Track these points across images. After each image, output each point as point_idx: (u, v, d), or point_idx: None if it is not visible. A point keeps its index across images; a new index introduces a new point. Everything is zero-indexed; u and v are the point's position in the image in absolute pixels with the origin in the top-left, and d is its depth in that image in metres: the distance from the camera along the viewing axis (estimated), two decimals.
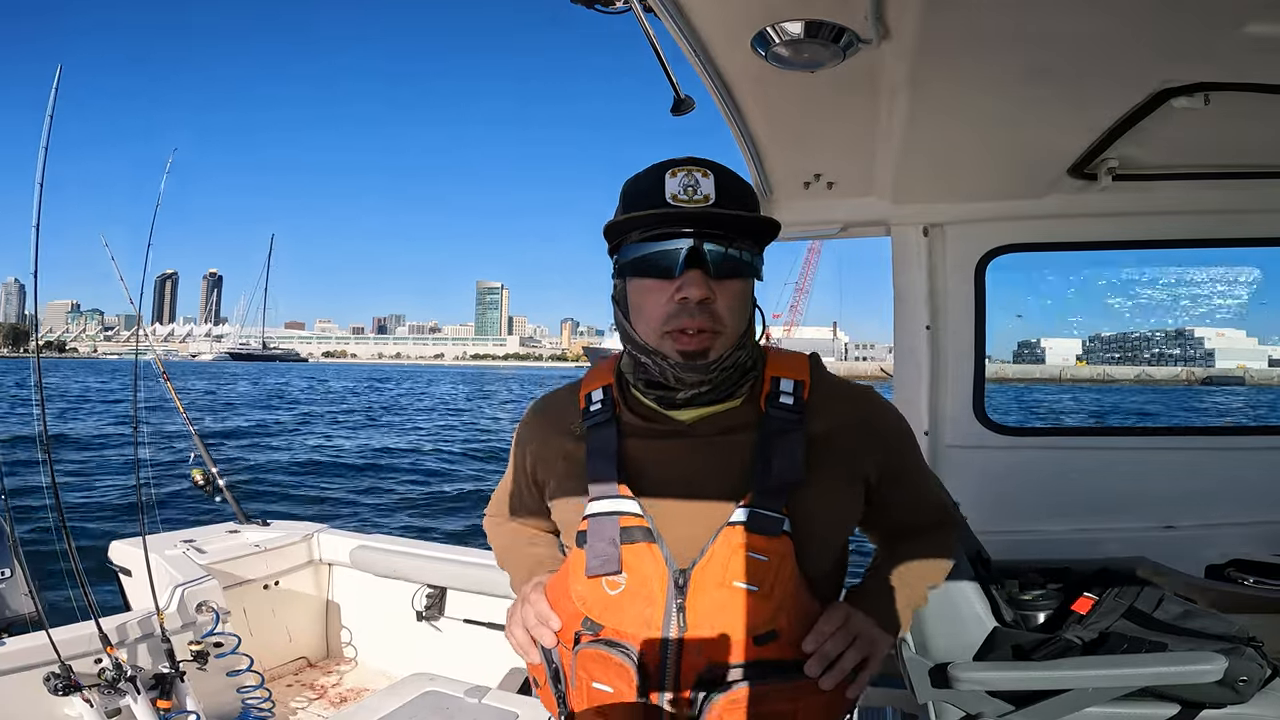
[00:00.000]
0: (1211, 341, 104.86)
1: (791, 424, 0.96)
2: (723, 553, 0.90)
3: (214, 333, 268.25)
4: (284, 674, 3.24)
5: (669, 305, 0.93)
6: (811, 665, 0.90)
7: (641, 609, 0.92)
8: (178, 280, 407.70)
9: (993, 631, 1.76)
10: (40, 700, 2.23)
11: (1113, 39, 1.24)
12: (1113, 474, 2.42)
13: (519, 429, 1.17)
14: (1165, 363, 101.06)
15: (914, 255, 2.40)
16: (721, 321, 0.93)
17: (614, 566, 0.93)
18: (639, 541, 0.93)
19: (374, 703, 2.16)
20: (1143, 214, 2.25)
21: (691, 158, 0.96)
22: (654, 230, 0.93)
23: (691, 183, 0.93)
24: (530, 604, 1.01)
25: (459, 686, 2.23)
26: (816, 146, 1.88)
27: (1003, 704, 1.62)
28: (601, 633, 0.94)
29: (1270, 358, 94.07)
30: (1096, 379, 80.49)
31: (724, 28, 1.20)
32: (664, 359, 0.95)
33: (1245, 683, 1.55)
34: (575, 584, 0.96)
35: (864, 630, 0.95)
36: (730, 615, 0.90)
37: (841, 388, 1.05)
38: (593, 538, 0.95)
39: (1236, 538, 2.30)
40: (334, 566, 3.46)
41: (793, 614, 0.91)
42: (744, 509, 0.91)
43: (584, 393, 1.07)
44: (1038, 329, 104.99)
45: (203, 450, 3.46)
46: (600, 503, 0.96)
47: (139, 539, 2.78)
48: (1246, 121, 1.60)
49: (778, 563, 0.90)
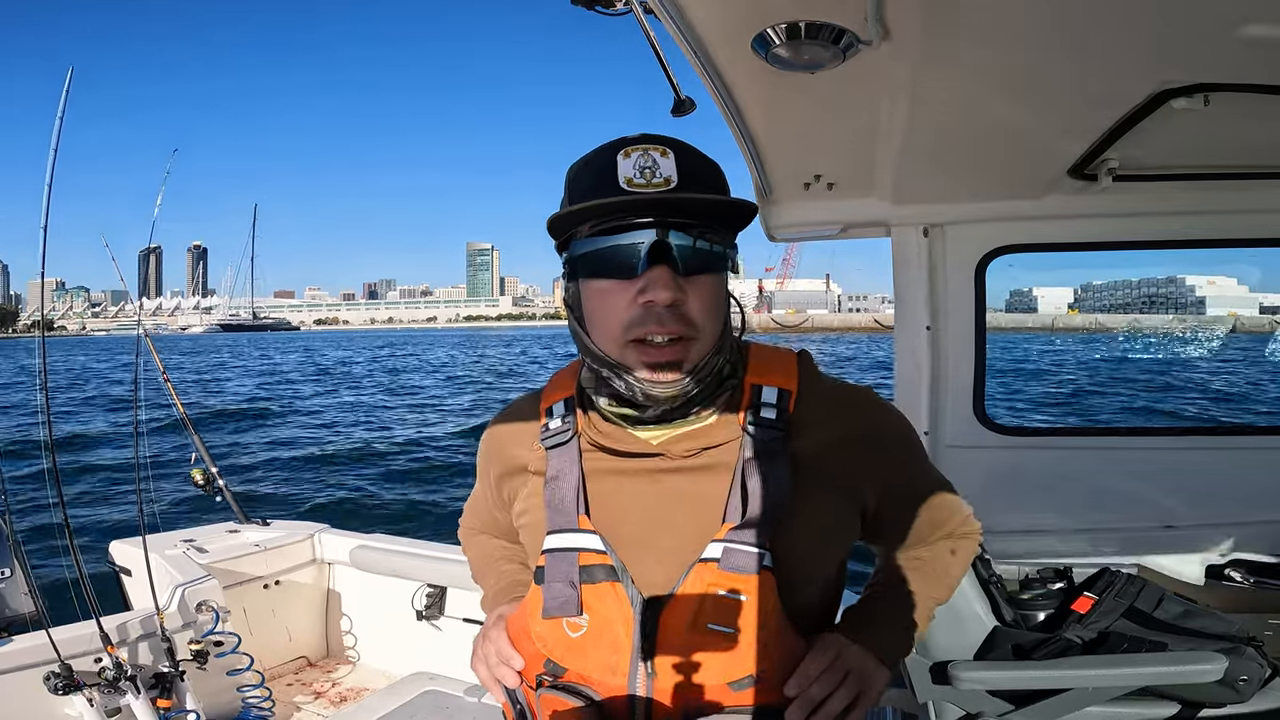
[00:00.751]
0: (1202, 289, 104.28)
1: (774, 443, 0.84)
2: (693, 592, 0.81)
3: (203, 305, 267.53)
4: (284, 673, 3.25)
5: (631, 309, 0.80)
6: (794, 711, 0.80)
7: (605, 655, 0.83)
8: (161, 254, 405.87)
9: (993, 631, 1.77)
10: (40, 699, 2.23)
11: (1113, 39, 1.24)
12: (1113, 474, 2.42)
13: (483, 441, 1.05)
14: (1156, 310, 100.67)
15: (914, 255, 2.40)
16: (695, 325, 0.80)
17: (572, 609, 0.84)
18: (601, 581, 0.83)
19: (374, 702, 2.16)
20: (1143, 214, 2.25)
21: (646, 135, 0.82)
22: (608, 222, 0.79)
23: (649, 164, 0.79)
24: (490, 641, 0.94)
25: (459, 686, 2.24)
26: (816, 147, 1.88)
27: (1003, 703, 1.62)
28: (565, 676, 0.86)
29: (1261, 305, 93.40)
30: (1089, 327, 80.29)
31: (724, 29, 1.20)
32: (628, 373, 0.82)
33: (1245, 682, 1.55)
34: (534, 624, 0.88)
35: (856, 666, 0.85)
36: (703, 661, 0.81)
37: (835, 394, 0.92)
38: (550, 576, 0.85)
39: (1236, 538, 2.30)
40: (334, 566, 3.47)
41: (774, 656, 0.82)
42: (718, 544, 0.81)
43: (544, 405, 0.95)
44: (1030, 277, 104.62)
45: (202, 450, 3.46)
46: (558, 536, 0.86)
47: (139, 538, 2.79)
48: (1246, 122, 1.60)
49: (756, 602, 0.80)
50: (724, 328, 0.86)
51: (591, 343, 0.84)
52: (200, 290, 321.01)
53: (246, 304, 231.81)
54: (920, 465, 1.00)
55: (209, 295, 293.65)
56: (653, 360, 0.80)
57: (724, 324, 0.86)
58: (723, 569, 0.81)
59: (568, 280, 0.87)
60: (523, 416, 0.99)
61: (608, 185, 0.79)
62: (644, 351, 0.80)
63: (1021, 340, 52.58)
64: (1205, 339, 37.45)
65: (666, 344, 0.80)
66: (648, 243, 0.78)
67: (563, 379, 0.97)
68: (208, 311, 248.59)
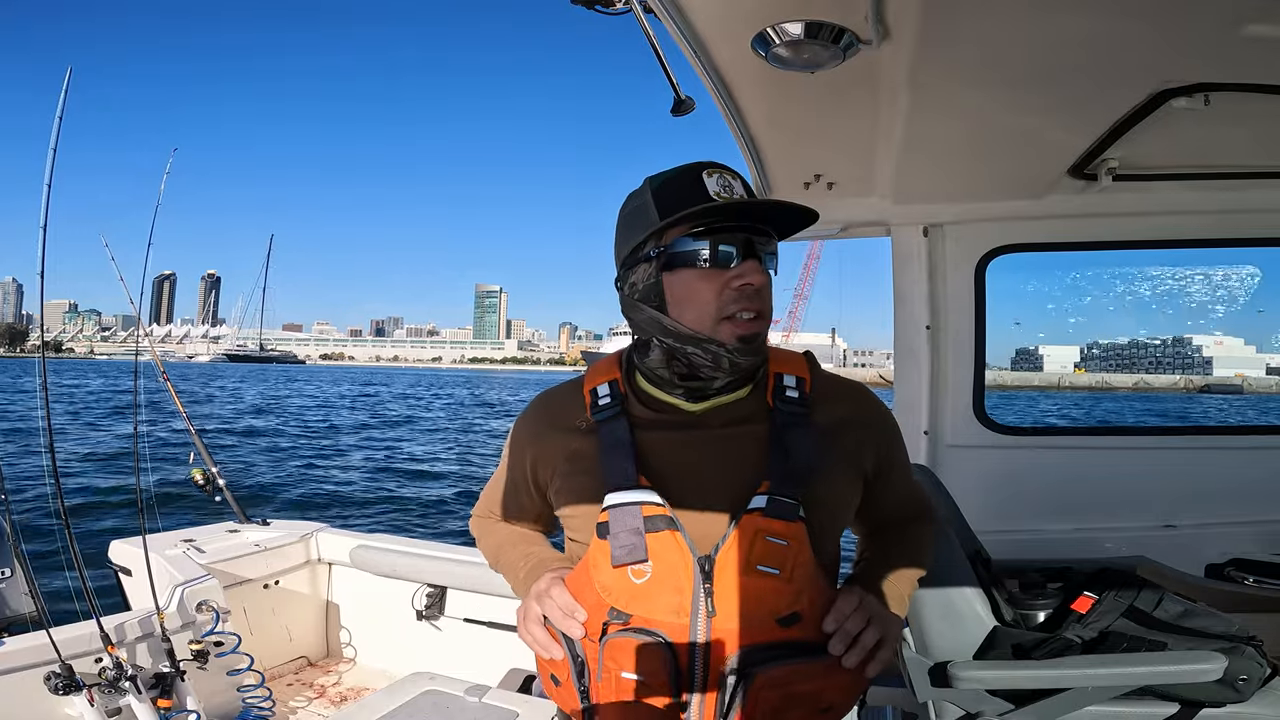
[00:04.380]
0: (1209, 349, 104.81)
1: (800, 416, 1.01)
2: (745, 538, 0.92)
3: (211, 334, 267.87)
4: (284, 673, 3.25)
5: (725, 293, 0.97)
6: (835, 644, 0.92)
7: (670, 596, 0.93)
8: (175, 281, 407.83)
9: (993, 630, 1.76)
10: (41, 699, 2.23)
11: (1113, 39, 1.24)
12: (1113, 474, 2.42)
13: (516, 427, 1.16)
14: (1163, 370, 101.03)
15: (914, 255, 2.40)
16: (770, 307, 1.00)
17: (640, 555, 0.94)
18: (662, 530, 0.94)
19: (374, 702, 2.16)
20: (1143, 214, 2.25)
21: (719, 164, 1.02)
22: (703, 225, 0.97)
23: (727, 183, 0.98)
24: (552, 598, 1.01)
25: (459, 686, 2.23)
26: (816, 147, 1.88)
27: (1002, 703, 1.62)
28: (630, 622, 0.94)
29: (1269, 365, 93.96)
30: (1095, 386, 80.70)
31: (724, 28, 1.20)
32: (719, 345, 0.97)
33: (1245, 682, 1.55)
34: (599, 575, 0.97)
35: (877, 610, 0.98)
36: (756, 599, 0.91)
37: (837, 384, 1.10)
38: (615, 527, 0.95)
39: (1236, 538, 2.30)
40: (334, 566, 3.47)
41: (813, 596, 0.94)
42: (763, 496, 0.94)
43: (589, 388, 1.08)
44: (1036, 336, 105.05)
45: (202, 450, 3.46)
46: (620, 494, 0.97)
47: (139, 538, 2.79)
48: (1246, 122, 1.60)
49: (797, 547, 0.93)
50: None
51: (678, 323, 0.99)
52: (211, 319, 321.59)
53: (254, 335, 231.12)
54: (901, 452, 1.17)
55: (219, 324, 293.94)
56: (743, 332, 0.97)
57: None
58: (767, 516, 0.93)
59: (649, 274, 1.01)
60: (562, 403, 1.11)
61: (701, 197, 0.97)
62: (737, 325, 0.97)
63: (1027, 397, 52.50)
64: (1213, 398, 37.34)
65: (752, 319, 0.98)
66: (743, 240, 0.98)
67: (604, 367, 1.10)
68: (215, 341, 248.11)
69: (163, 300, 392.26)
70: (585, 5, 1.26)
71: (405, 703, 2.13)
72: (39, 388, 2.77)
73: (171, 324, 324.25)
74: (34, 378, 2.76)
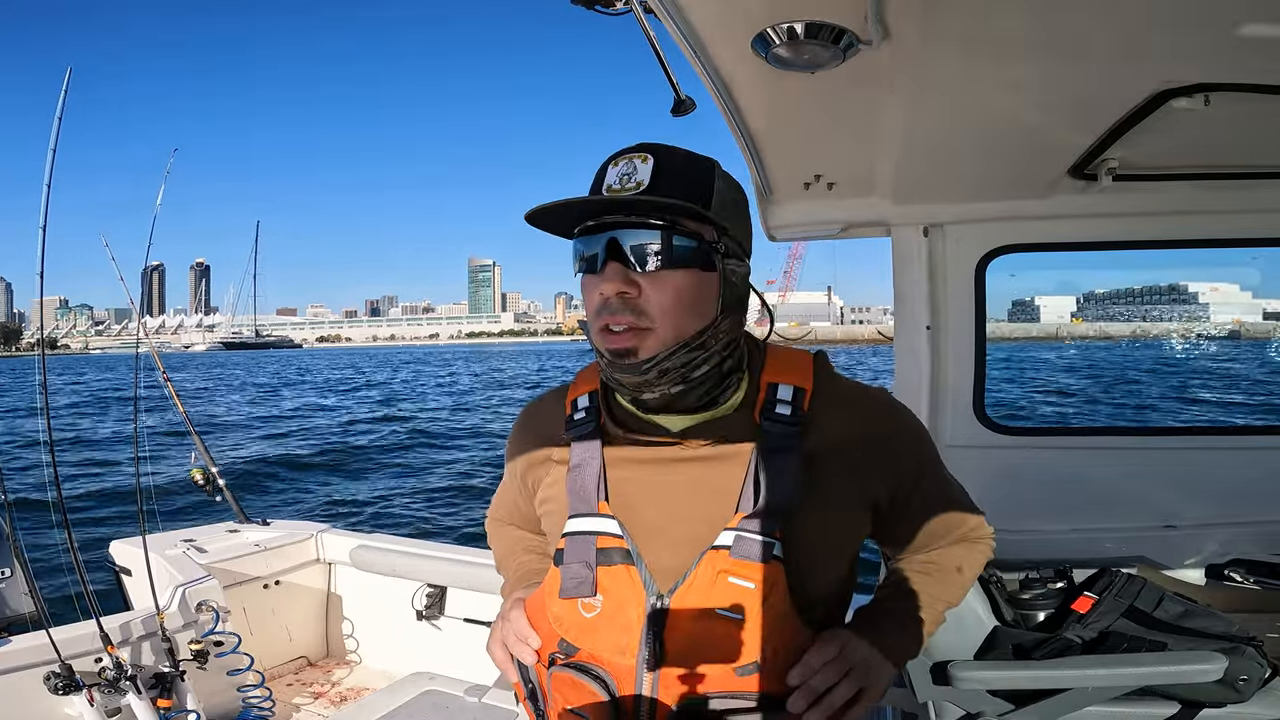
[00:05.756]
0: (1205, 296, 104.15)
1: (788, 438, 0.88)
2: (705, 578, 0.84)
3: (206, 323, 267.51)
4: (284, 673, 3.25)
5: (596, 301, 0.87)
6: (795, 700, 0.83)
7: (617, 635, 0.86)
8: (164, 272, 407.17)
9: (993, 630, 1.77)
10: (41, 699, 2.23)
11: (1113, 39, 1.24)
12: (1113, 474, 2.42)
13: (511, 432, 1.11)
14: (1160, 318, 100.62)
15: (914, 255, 2.40)
16: (649, 317, 0.85)
17: (588, 590, 0.88)
18: (616, 564, 0.88)
19: (374, 702, 2.16)
20: (1143, 214, 2.24)
21: (642, 144, 0.88)
22: (584, 223, 0.88)
23: (629, 170, 0.86)
24: (509, 621, 0.97)
25: (459, 686, 2.24)
26: (816, 147, 1.88)
27: (1003, 703, 1.62)
28: (576, 655, 0.89)
29: (1265, 311, 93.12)
30: (1093, 335, 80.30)
31: (724, 29, 1.20)
32: (602, 357, 0.89)
33: (1245, 682, 1.55)
34: (551, 604, 0.92)
35: (861, 660, 0.87)
36: (710, 645, 0.84)
37: (849, 394, 0.95)
38: (569, 558, 0.90)
39: (1236, 538, 2.30)
40: (334, 566, 3.47)
41: (779, 644, 0.84)
42: (730, 532, 0.85)
43: (571, 398, 1.01)
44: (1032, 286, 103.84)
45: (202, 450, 3.46)
46: (578, 520, 0.91)
47: (139, 538, 2.79)
48: (1246, 121, 1.60)
49: (766, 590, 0.83)
50: (710, 325, 0.88)
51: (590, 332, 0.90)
52: (203, 308, 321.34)
53: (249, 321, 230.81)
54: (932, 468, 1.02)
55: (212, 313, 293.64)
56: (611, 346, 0.86)
57: (713, 322, 0.88)
58: (734, 556, 0.84)
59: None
60: (548, 410, 1.04)
61: (595, 191, 0.87)
62: (607, 338, 0.87)
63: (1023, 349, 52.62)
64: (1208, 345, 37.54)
65: (621, 332, 0.85)
66: (604, 241, 0.86)
67: (588, 374, 1.02)
68: (210, 329, 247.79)
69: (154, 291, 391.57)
70: (585, 5, 1.26)
71: (405, 703, 2.13)
72: (38, 386, 2.77)
73: (165, 314, 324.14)
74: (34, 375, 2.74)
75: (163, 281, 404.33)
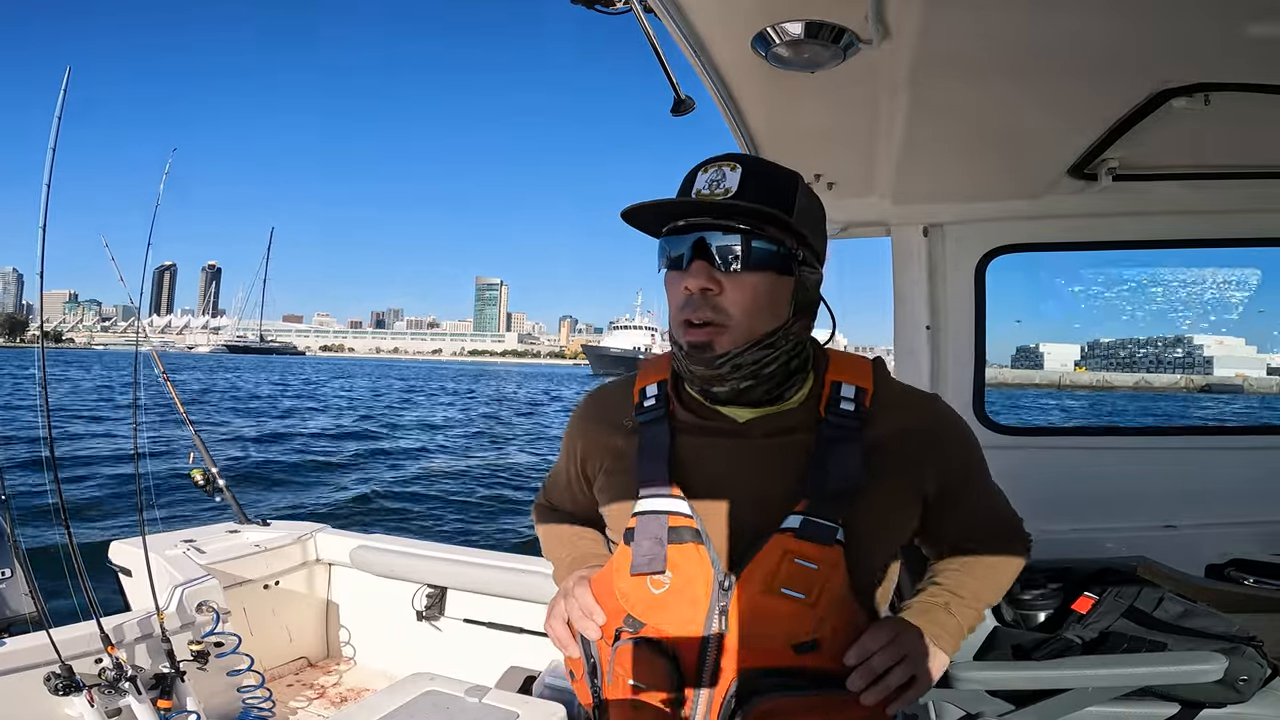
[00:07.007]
0: (1210, 349, 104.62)
1: (850, 431, 0.94)
2: (771, 559, 0.89)
3: (211, 325, 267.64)
4: (284, 674, 3.25)
5: (681, 296, 0.94)
6: (855, 679, 0.88)
7: (684, 610, 0.91)
8: (176, 272, 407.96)
9: (993, 631, 1.77)
10: (41, 700, 2.23)
11: (1113, 39, 1.24)
12: (1113, 474, 2.42)
13: (572, 419, 1.16)
14: (1164, 370, 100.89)
15: (914, 255, 2.40)
16: (727, 315, 0.92)
17: (659, 566, 0.92)
18: (686, 542, 0.92)
19: (374, 702, 2.16)
20: (1143, 214, 2.24)
21: (729, 153, 0.96)
22: (675, 224, 0.95)
23: (718, 177, 0.92)
24: (575, 597, 1.00)
25: (459, 686, 2.23)
26: (816, 147, 1.88)
27: (1003, 703, 1.62)
28: (642, 631, 0.93)
29: (1269, 365, 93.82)
30: (1096, 385, 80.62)
31: (724, 28, 1.20)
32: (679, 349, 0.95)
33: (1245, 682, 1.55)
34: (620, 581, 0.96)
35: (914, 648, 0.93)
36: (773, 622, 0.88)
37: (905, 396, 1.03)
38: (640, 535, 0.94)
39: (1236, 538, 2.30)
40: (334, 566, 3.47)
41: (837, 625, 0.89)
42: (797, 515, 0.90)
43: (639, 387, 1.06)
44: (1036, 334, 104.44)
45: (202, 450, 3.46)
46: (649, 501, 0.95)
47: (139, 539, 2.79)
48: (1246, 121, 1.60)
49: (827, 572, 0.89)
50: (782, 325, 0.95)
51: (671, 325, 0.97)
52: (211, 310, 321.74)
53: (254, 326, 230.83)
54: (978, 471, 1.08)
55: (219, 315, 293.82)
56: (690, 339, 0.93)
57: (785, 322, 0.95)
58: (798, 538, 0.89)
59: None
60: (614, 399, 1.10)
61: (684, 195, 0.94)
62: (687, 331, 0.93)
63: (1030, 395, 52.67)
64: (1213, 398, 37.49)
65: (700, 326, 0.92)
66: (691, 241, 0.92)
67: (657, 364, 1.08)
68: (215, 332, 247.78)
69: (163, 291, 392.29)
70: (585, 5, 1.26)
71: (405, 703, 2.13)
72: (38, 384, 2.77)
73: (171, 314, 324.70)
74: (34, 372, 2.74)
75: (174, 282, 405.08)
